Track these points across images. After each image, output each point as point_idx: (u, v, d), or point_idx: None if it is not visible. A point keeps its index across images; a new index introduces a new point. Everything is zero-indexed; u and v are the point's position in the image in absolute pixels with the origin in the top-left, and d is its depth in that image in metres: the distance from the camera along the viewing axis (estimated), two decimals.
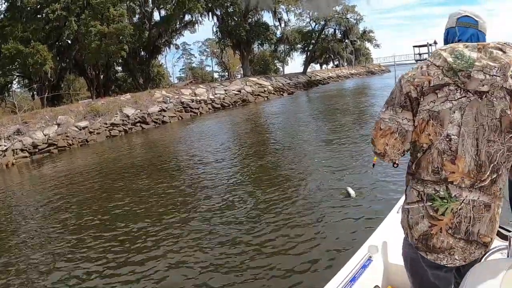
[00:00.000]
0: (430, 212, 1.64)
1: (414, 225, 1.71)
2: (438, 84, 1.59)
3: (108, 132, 22.51)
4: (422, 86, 1.61)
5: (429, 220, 1.65)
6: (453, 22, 1.78)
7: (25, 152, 18.82)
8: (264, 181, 8.46)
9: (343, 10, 49.78)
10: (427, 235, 1.67)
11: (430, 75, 1.61)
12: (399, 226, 3.15)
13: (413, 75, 1.65)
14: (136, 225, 6.71)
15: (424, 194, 1.66)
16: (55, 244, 6.39)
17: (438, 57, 1.62)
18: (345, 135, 12.67)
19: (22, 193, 11.42)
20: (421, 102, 1.62)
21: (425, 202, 1.66)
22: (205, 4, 40.25)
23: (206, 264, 4.99)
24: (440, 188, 1.62)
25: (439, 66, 1.60)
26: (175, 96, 28.84)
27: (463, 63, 1.55)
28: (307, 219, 6.15)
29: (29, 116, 21.76)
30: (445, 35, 1.82)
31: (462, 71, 1.54)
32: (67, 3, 32.30)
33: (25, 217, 8.55)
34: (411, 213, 1.72)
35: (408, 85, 1.64)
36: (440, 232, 1.64)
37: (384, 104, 1.75)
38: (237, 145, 14.33)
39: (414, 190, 1.71)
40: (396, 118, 1.67)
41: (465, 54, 1.57)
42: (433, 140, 1.62)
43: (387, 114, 1.69)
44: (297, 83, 42.95)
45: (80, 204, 8.68)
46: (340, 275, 2.65)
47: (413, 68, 1.70)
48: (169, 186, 9.05)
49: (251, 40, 44.28)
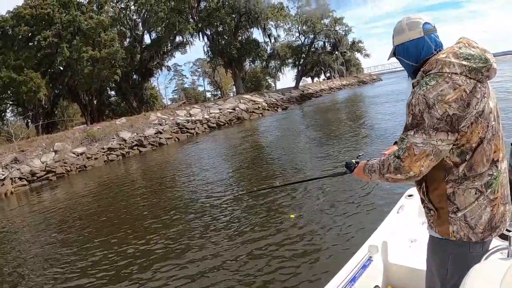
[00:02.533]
0: (491, 197, 1.73)
1: (477, 223, 1.75)
2: (472, 88, 1.65)
3: (106, 157, 22.40)
4: (462, 99, 1.63)
5: (491, 205, 1.74)
6: (417, 33, 1.81)
7: (24, 180, 18.70)
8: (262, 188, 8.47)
9: (331, 23, 50.23)
10: (491, 218, 1.75)
11: (462, 85, 1.64)
12: (399, 226, 3.32)
13: (440, 92, 1.63)
14: (136, 248, 6.67)
15: (482, 186, 1.72)
16: (56, 270, 6.33)
17: (452, 65, 1.66)
18: (343, 144, 12.72)
19: (23, 223, 11.29)
20: (468, 111, 1.64)
21: (485, 193, 1.73)
22: (195, 25, 40.57)
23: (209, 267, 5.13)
24: (493, 171, 1.73)
25: (461, 73, 1.65)
26: (170, 117, 28.84)
27: (479, 61, 1.66)
28: (307, 220, 6.23)
29: (25, 144, 21.69)
30: (411, 47, 1.84)
31: (484, 67, 1.66)
32: (58, 30, 32.52)
33: (26, 245, 8.44)
34: (469, 215, 1.74)
35: (442, 105, 1.62)
36: (498, 207, 1.76)
37: (409, 128, 1.71)
38: (234, 164, 14.31)
39: (470, 190, 1.72)
40: (430, 141, 1.65)
41: (472, 53, 1.68)
42: (482, 135, 1.69)
43: (419, 138, 1.66)
44: (291, 98, 43.12)
45: (80, 231, 8.61)
46: (340, 275, 2.68)
47: (429, 85, 1.66)
48: (169, 209, 8.97)
49: (242, 58, 44.53)
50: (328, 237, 5.46)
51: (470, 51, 1.70)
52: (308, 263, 4.73)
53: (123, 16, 41.16)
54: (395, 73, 63.79)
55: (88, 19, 33.60)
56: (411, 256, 2.81)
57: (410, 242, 3.04)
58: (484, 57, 1.67)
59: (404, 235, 3.13)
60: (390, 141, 2.12)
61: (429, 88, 1.65)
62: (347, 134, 15.58)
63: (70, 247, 7.70)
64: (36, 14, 31.92)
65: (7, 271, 7.04)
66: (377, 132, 14.32)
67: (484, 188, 1.71)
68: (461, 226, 1.76)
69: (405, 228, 3.22)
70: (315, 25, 47.60)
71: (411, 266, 2.75)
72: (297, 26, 49.69)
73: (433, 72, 1.69)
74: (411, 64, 1.88)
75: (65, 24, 32.76)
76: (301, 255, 5.01)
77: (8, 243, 9.24)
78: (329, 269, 4.31)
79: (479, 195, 1.72)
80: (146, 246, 6.75)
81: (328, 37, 50.80)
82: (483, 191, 1.72)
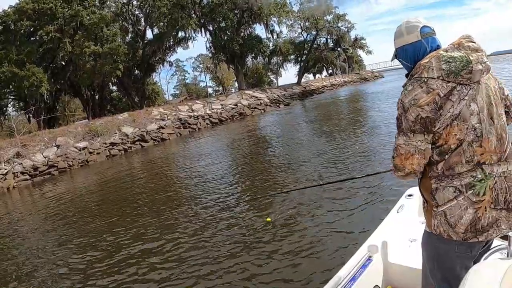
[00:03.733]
0: (472, 199, 1.73)
1: (457, 222, 1.76)
2: (447, 91, 1.70)
3: (108, 152, 22.41)
4: (435, 102, 1.71)
5: (473, 207, 1.73)
6: (415, 36, 1.88)
7: (26, 175, 18.70)
8: (263, 189, 8.42)
9: (334, 19, 50.18)
10: (475, 221, 1.74)
11: (436, 89, 1.70)
12: (399, 226, 3.30)
13: (414, 97, 1.73)
14: (138, 244, 6.61)
15: (462, 186, 1.74)
16: (59, 264, 6.32)
17: (430, 69, 1.72)
18: (344, 140, 12.67)
19: (24, 216, 11.28)
20: (441, 113, 1.71)
21: (465, 193, 1.74)
22: (198, 20, 40.51)
23: (212, 267, 5.11)
24: (477, 173, 1.73)
25: (438, 77, 1.71)
26: (172, 113, 28.82)
27: (459, 63, 1.70)
28: (307, 220, 6.19)
29: (27, 138, 21.65)
30: (410, 50, 1.90)
31: (463, 70, 1.69)
32: (60, 25, 32.43)
33: (27, 239, 8.44)
34: (449, 212, 1.78)
35: (415, 108, 1.73)
36: (485, 211, 1.73)
37: (397, 131, 1.85)
38: (237, 160, 14.29)
39: (449, 188, 1.76)
40: (410, 142, 1.78)
41: (454, 56, 1.72)
42: (460, 137, 1.72)
43: (401, 140, 1.81)
44: (293, 94, 43.12)
45: (82, 224, 8.58)
46: (340, 275, 2.67)
47: (407, 90, 1.77)
48: (171, 205, 8.91)
49: (244, 54, 44.48)
50: (328, 236, 5.42)
51: (455, 53, 1.74)
52: (307, 263, 4.71)
53: (125, 11, 41.19)
54: (396, 70, 63.57)
55: (91, 14, 33.50)
56: (411, 255, 2.80)
57: (410, 241, 3.04)
58: (466, 59, 1.71)
59: (404, 234, 3.13)
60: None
61: (406, 93, 1.77)
62: (352, 129, 15.56)
63: (72, 240, 7.68)
64: (39, 9, 31.79)
65: (9, 263, 7.03)
66: (380, 127, 14.25)
67: (464, 188, 1.75)
68: (441, 222, 1.81)
69: (405, 227, 3.23)
70: (318, 21, 47.58)
71: (411, 266, 2.74)
72: (300, 22, 49.79)
73: (414, 77, 1.77)
74: (409, 66, 1.93)
75: (67, 19, 32.65)
76: (300, 254, 4.97)
77: (9, 235, 9.24)
78: (328, 268, 4.32)
79: (458, 194, 1.75)
80: (149, 239, 6.73)
81: (331, 34, 50.84)
82: (462, 191, 1.75)
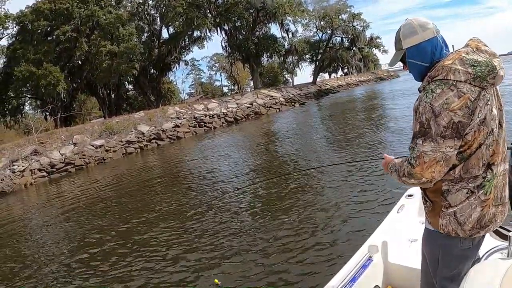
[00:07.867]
0: (482, 198, 1.77)
1: (466, 220, 1.79)
2: (477, 95, 1.66)
3: (124, 150, 22.45)
4: (467, 107, 1.65)
5: (481, 205, 1.77)
6: (431, 32, 1.80)
7: (43, 172, 18.80)
8: (275, 191, 8.29)
9: (349, 18, 49.83)
10: (480, 218, 1.79)
11: (466, 93, 1.65)
12: (399, 226, 3.33)
13: (446, 100, 1.65)
14: (156, 240, 6.64)
15: (475, 187, 1.76)
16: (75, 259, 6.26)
17: (456, 72, 1.66)
18: (360, 140, 12.51)
19: (41, 212, 11.30)
20: (473, 119, 1.66)
21: (477, 193, 1.76)
22: (213, 20, 40.52)
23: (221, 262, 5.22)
24: (487, 173, 1.76)
25: (466, 80, 1.65)
26: (188, 111, 28.83)
27: (485, 68, 1.65)
28: (307, 220, 6.23)
29: (45, 136, 21.84)
30: (428, 47, 1.81)
31: (490, 75, 1.66)
32: (77, 25, 32.78)
33: (43, 232, 8.42)
34: (459, 212, 1.79)
35: (447, 113, 1.65)
36: (489, 208, 1.79)
37: (417, 136, 1.74)
38: (253, 160, 14.13)
39: (462, 190, 1.77)
40: (439, 149, 1.69)
41: (479, 60, 1.67)
42: (481, 141, 1.71)
43: (428, 146, 1.71)
44: (308, 93, 42.91)
45: (97, 220, 8.60)
46: (340, 275, 2.70)
47: (435, 93, 1.68)
48: (187, 202, 8.85)
49: (260, 53, 44.34)
50: (328, 236, 5.46)
51: (478, 57, 1.70)
52: (307, 263, 4.73)
53: (141, 10, 41.39)
54: None
55: (107, 14, 33.82)
56: (411, 256, 2.80)
57: (410, 242, 3.05)
58: (491, 64, 1.67)
59: (404, 235, 3.15)
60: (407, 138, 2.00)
61: (435, 96, 1.68)
62: (366, 128, 15.37)
63: (87, 236, 7.65)
64: (55, 9, 32.18)
65: (24, 259, 7.02)
66: (396, 128, 13.99)
67: (476, 189, 1.76)
68: (450, 221, 1.82)
69: (405, 228, 3.26)
70: (333, 20, 47.20)
71: (411, 266, 2.74)
72: (315, 22, 49.35)
73: (439, 79, 1.70)
74: (425, 66, 1.84)
75: (83, 18, 32.98)
76: (300, 254, 5.01)
77: (25, 231, 9.26)
78: (329, 268, 4.34)
79: (470, 195, 1.77)
80: (163, 236, 6.74)
81: (346, 33, 50.42)
82: (474, 191, 1.76)
